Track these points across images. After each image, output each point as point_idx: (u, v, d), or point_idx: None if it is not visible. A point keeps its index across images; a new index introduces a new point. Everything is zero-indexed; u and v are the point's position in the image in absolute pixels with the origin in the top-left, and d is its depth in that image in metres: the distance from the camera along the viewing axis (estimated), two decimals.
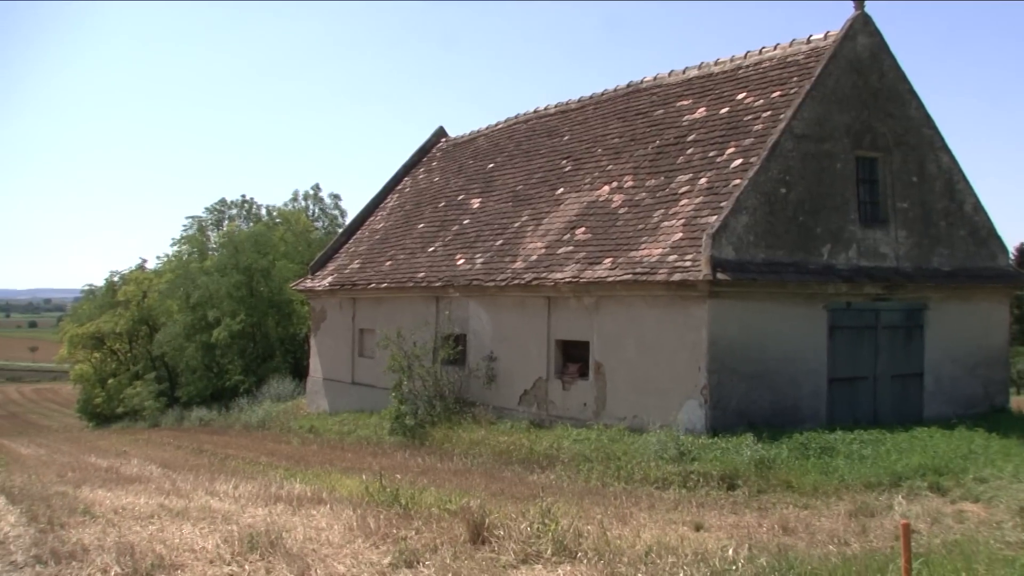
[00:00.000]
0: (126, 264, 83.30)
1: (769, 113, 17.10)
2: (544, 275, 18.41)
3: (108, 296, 54.26)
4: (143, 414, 43.03)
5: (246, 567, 6.59)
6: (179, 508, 9.47)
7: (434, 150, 31.28)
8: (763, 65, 18.74)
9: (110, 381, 50.71)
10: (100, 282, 57.35)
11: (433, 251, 23.79)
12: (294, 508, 9.27)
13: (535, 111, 26.43)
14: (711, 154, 17.55)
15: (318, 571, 6.40)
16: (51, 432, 45.70)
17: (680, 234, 16.23)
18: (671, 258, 15.84)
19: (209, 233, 52.48)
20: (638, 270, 16.21)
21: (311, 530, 7.89)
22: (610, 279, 16.67)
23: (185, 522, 8.47)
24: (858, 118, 17.11)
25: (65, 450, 21.89)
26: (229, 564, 6.70)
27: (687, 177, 17.52)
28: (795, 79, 17.36)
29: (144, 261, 55.25)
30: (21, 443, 26.47)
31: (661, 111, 20.46)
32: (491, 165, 25.73)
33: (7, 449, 22.62)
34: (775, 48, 18.93)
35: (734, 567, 6.26)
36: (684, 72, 21.12)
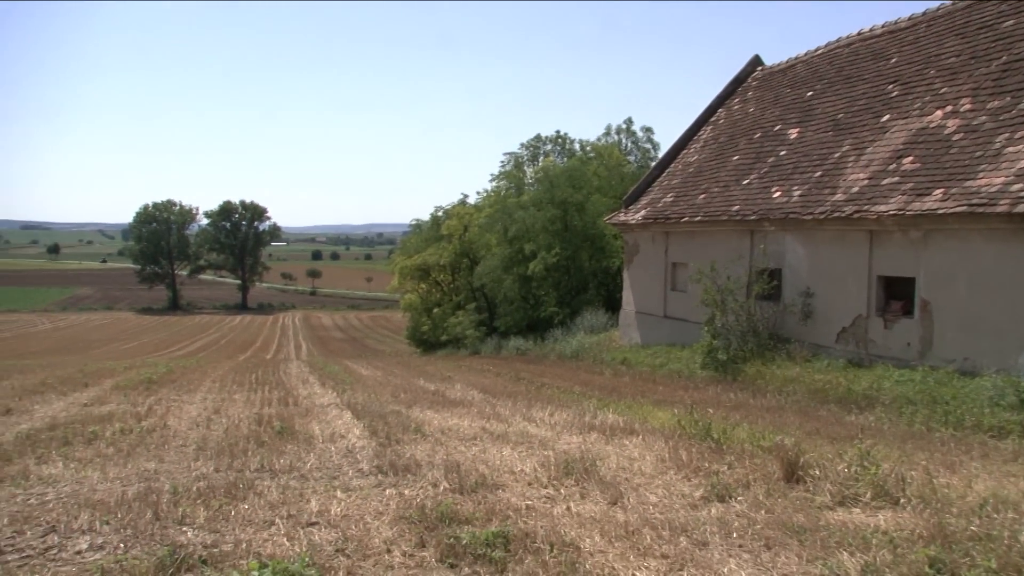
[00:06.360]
0: (449, 200, 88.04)
1: None
2: (866, 208, 17.41)
3: (433, 230, 58.05)
4: (464, 342, 45.90)
5: (562, 491, 6.85)
6: (499, 432, 9.96)
7: (749, 80, 30.28)
8: None
9: (435, 310, 54.51)
10: (426, 217, 61.53)
11: (748, 184, 23.21)
12: (607, 437, 9.49)
13: (859, 33, 24.76)
14: None
15: (630, 499, 6.55)
16: (384, 356, 49.81)
17: None
18: (1015, 187, 14.36)
19: (526, 169, 54.37)
20: (974, 201, 14.89)
21: (623, 459, 8.07)
22: (941, 211, 15.46)
23: (505, 445, 8.91)
24: None
25: (397, 373, 23.62)
26: (546, 487, 7.00)
27: None
28: None
29: (465, 196, 58.41)
30: (361, 365, 28.93)
31: (1011, 22, 18.37)
32: (810, 93, 24.54)
33: (350, 370, 24.83)
34: None
35: None
36: None
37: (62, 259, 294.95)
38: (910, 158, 17.55)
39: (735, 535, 5.55)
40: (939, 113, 17.97)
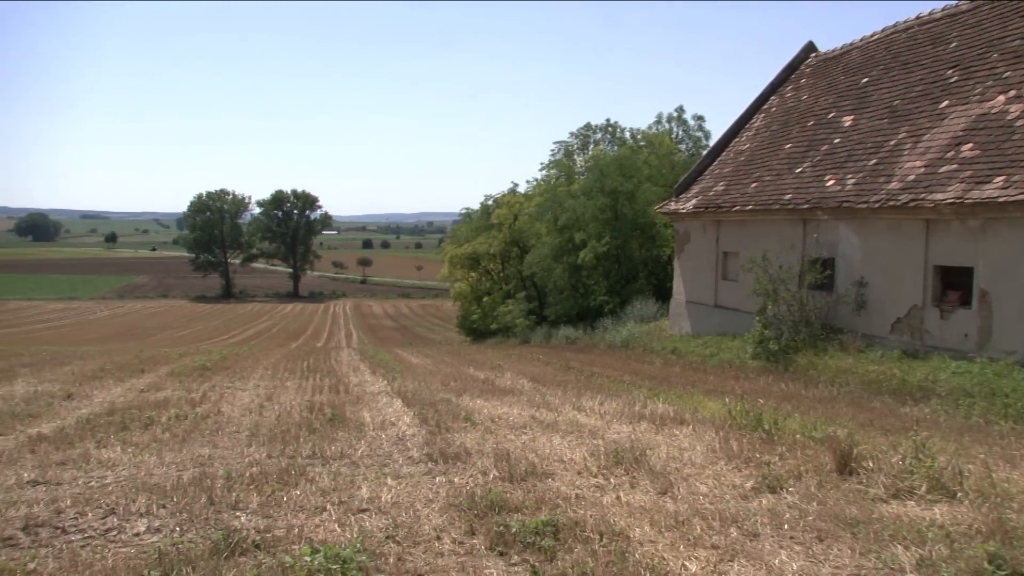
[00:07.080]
0: (499, 189, 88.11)
1: None
2: (923, 196, 17.09)
3: (483, 219, 58.16)
4: (514, 331, 45.96)
5: (611, 480, 6.84)
6: (549, 421, 9.97)
7: (803, 67, 29.83)
8: None
9: (485, 299, 54.70)
10: (476, 206, 61.62)
11: (800, 172, 22.90)
12: (657, 427, 9.46)
13: (917, 17, 24.25)
14: None
15: (680, 489, 6.52)
16: (434, 344, 50.03)
17: None
18: None
19: (575, 157, 54.21)
20: None
21: (674, 449, 8.04)
22: (1002, 199, 15.11)
23: (554, 434, 8.91)
24: None
25: (447, 361, 23.68)
26: (595, 476, 6.99)
27: None
28: None
29: (515, 185, 58.45)
30: (411, 353, 29.07)
31: None
32: (865, 80, 24.11)
33: (401, 358, 24.96)
34: None
35: None
36: None
37: (119, 248, 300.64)
38: (969, 145, 17.17)
39: (786, 527, 5.50)
40: (1001, 98, 17.56)
